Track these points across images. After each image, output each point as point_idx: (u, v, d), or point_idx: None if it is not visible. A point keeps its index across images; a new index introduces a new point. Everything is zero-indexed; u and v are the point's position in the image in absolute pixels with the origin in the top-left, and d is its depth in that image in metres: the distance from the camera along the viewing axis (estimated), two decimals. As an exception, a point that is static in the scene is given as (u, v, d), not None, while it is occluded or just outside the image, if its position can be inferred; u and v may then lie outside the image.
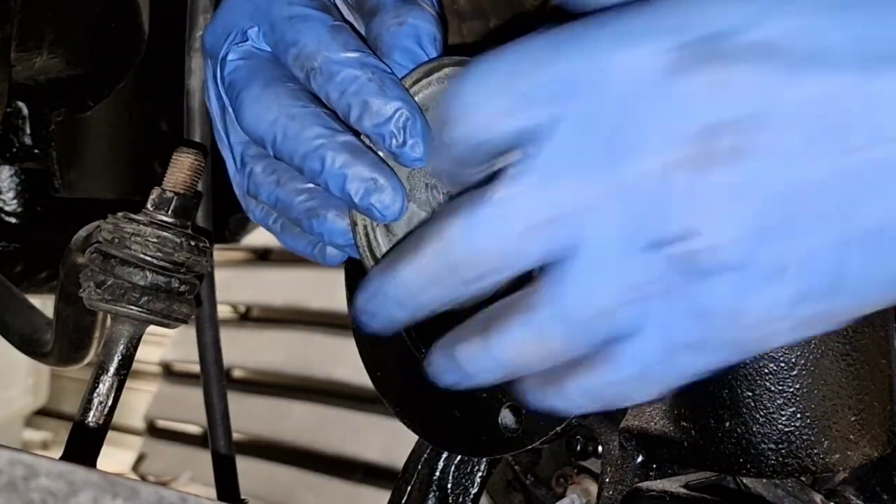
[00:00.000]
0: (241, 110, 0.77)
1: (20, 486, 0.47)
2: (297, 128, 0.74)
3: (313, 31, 0.75)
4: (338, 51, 0.74)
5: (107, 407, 0.80)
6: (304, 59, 0.75)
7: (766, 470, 0.71)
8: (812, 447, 0.70)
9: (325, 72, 0.73)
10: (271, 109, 0.75)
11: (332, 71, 0.73)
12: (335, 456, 3.86)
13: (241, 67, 0.78)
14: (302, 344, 4.05)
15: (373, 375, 0.88)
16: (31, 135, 1.13)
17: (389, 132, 0.72)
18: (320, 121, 0.74)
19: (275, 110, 0.75)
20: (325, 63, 0.73)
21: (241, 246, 4.04)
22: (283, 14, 0.76)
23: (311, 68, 0.74)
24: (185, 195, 0.82)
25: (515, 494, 1.08)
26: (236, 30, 0.79)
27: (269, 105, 0.75)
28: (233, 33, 0.79)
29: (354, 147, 0.73)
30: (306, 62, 0.74)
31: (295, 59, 0.75)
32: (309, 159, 0.74)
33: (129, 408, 4.62)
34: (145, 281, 0.79)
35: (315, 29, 0.75)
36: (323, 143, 0.73)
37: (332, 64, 0.73)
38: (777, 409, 0.70)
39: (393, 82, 0.73)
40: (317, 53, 0.74)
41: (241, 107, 0.77)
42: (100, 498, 0.48)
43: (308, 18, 0.75)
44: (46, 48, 1.07)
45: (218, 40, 0.80)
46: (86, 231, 0.90)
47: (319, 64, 0.74)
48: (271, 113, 0.75)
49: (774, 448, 0.70)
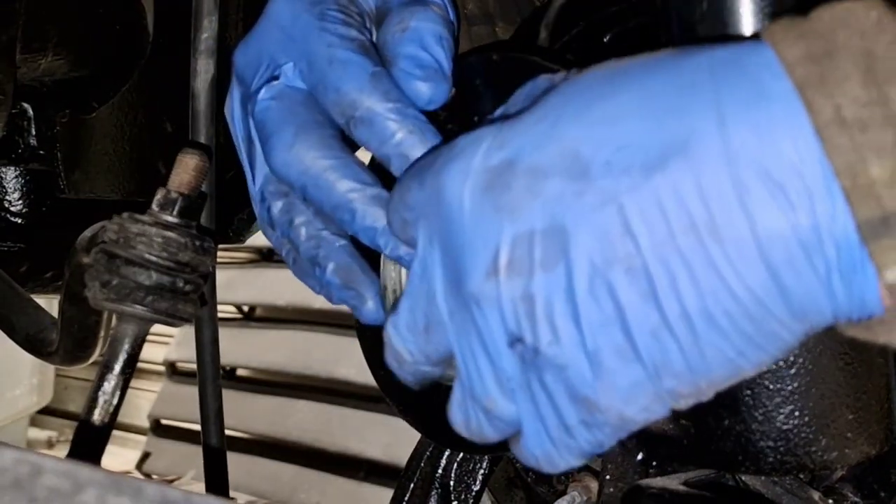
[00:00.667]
0: (271, 154, 0.77)
1: (26, 485, 0.47)
2: (329, 179, 0.75)
3: (355, 78, 0.75)
4: (379, 101, 0.74)
5: (112, 406, 0.80)
6: (345, 106, 0.75)
7: (765, 467, 0.72)
8: (810, 445, 0.71)
9: (367, 121, 0.74)
10: (303, 158, 0.76)
11: (374, 122, 0.74)
12: (338, 454, 3.86)
13: (273, 108, 0.78)
14: (305, 343, 4.06)
15: (376, 374, 0.89)
16: (36, 136, 1.13)
17: None
18: (351, 173, 0.75)
19: (307, 160, 0.76)
20: (366, 113, 0.74)
21: (245, 246, 4.04)
22: (323, 55, 0.76)
23: (351, 116, 0.75)
24: (189, 196, 0.82)
25: (517, 492, 1.08)
26: (269, 62, 0.79)
27: (302, 154, 0.76)
28: (264, 65, 0.79)
29: (384, 200, 0.74)
30: (347, 110, 0.75)
31: (335, 104, 0.76)
32: (339, 210, 0.75)
33: (133, 406, 4.63)
34: (150, 280, 0.79)
35: (356, 77, 0.75)
36: (354, 196, 0.74)
37: (374, 115, 0.74)
38: (775, 407, 0.70)
39: (432, 134, 0.74)
40: (358, 103, 0.74)
41: (273, 151, 0.77)
42: (104, 496, 0.49)
43: (349, 64, 0.75)
44: (51, 50, 1.07)
45: (249, 68, 0.80)
46: (91, 231, 0.90)
47: (361, 114, 0.74)
48: (303, 162, 0.76)
49: (773, 446, 0.71)
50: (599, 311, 0.56)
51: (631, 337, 0.56)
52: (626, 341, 0.56)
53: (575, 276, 0.56)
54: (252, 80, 0.80)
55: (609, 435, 0.60)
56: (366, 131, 0.75)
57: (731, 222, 0.53)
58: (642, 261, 0.54)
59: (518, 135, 0.59)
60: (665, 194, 0.54)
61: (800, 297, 0.54)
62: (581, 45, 1.00)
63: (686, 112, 0.54)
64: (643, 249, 0.54)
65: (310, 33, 0.77)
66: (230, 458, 1.16)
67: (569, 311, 0.56)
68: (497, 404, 0.61)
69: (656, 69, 0.57)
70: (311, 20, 0.77)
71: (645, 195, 0.54)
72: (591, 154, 0.56)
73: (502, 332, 0.59)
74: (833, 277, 0.53)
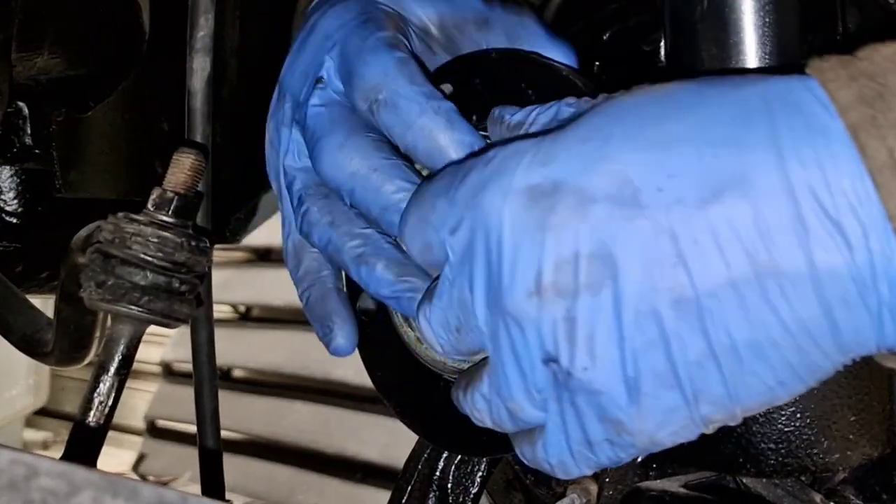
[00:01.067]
0: (320, 157, 0.77)
1: (21, 486, 0.47)
2: (379, 181, 0.75)
3: (379, 63, 0.75)
4: (404, 84, 0.74)
5: (107, 407, 0.80)
6: (368, 90, 0.75)
7: (766, 469, 0.71)
8: (812, 447, 0.70)
9: (391, 104, 0.74)
10: (353, 160, 0.75)
11: (398, 104, 0.73)
12: (335, 456, 3.86)
13: (323, 114, 0.78)
14: (302, 344, 4.05)
15: (373, 375, 0.88)
16: (31, 135, 1.13)
17: None
18: (401, 174, 0.75)
19: (356, 161, 0.75)
20: (390, 95, 0.74)
21: (242, 246, 4.04)
22: (354, 48, 0.77)
23: (374, 100, 0.74)
24: (185, 195, 0.82)
25: (515, 494, 1.08)
26: (314, 66, 0.79)
27: (352, 155, 0.75)
28: (312, 73, 0.79)
29: None
30: (371, 93, 0.74)
31: (360, 91, 0.75)
32: (388, 212, 0.74)
33: (129, 408, 4.62)
34: (146, 281, 0.79)
35: (381, 61, 0.75)
36: (403, 197, 0.74)
37: (398, 97, 0.73)
38: (776, 408, 0.70)
39: (459, 119, 0.74)
40: (382, 85, 0.74)
41: (321, 154, 0.77)
42: (100, 498, 0.48)
43: (376, 51, 0.76)
44: (47, 48, 1.07)
45: (297, 80, 0.80)
46: (86, 231, 0.90)
47: (384, 97, 0.74)
48: (353, 164, 0.75)
49: (774, 448, 0.71)
50: (643, 338, 0.56)
51: (674, 365, 0.56)
52: (669, 369, 0.56)
53: (623, 302, 0.56)
54: (301, 89, 0.80)
55: (632, 455, 0.61)
56: (390, 115, 0.74)
57: (788, 257, 0.54)
58: (694, 292, 0.55)
59: (563, 152, 0.59)
60: (720, 226, 0.54)
61: (849, 331, 0.55)
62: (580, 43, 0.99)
63: (742, 145, 0.55)
64: (696, 281, 0.55)
65: (348, 33, 0.78)
66: (227, 459, 1.16)
67: (613, 336, 0.57)
68: (523, 410, 0.62)
69: (707, 97, 0.57)
70: (352, 24, 0.78)
71: (700, 225, 0.55)
72: (643, 179, 0.56)
73: (539, 349, 0.59)
74: (883, 313, 0.54)
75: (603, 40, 0.99)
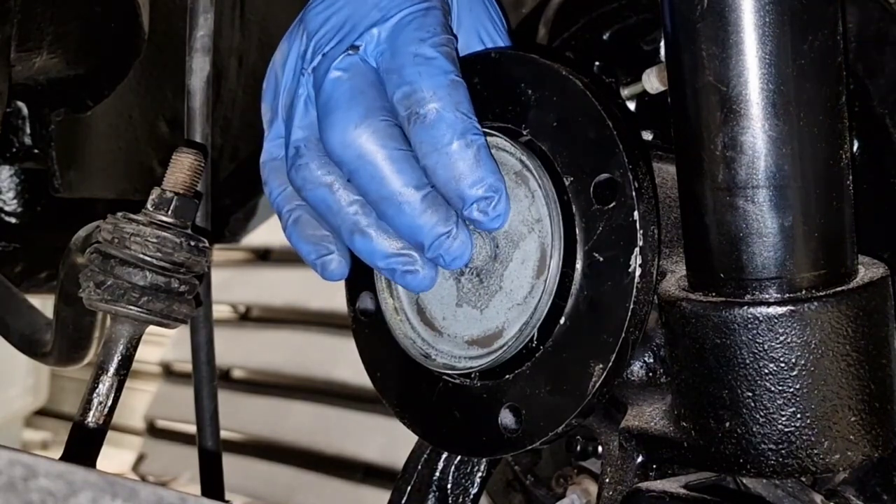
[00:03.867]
0: (332, 130, 0.77)
1: (19, 487, 0.47)
2: (386, 171, 0.75)
3: (433, 77, 0.75)
4: (449, 108, 0.74)
5: (106, 407, 0.80)
6: (413, 102, 0.75)
7: (766, 470, 0.71)
8: (812, 447, 0.70)
9: (429, 123, 0.74)
10: (366, 143, 0.76)
11: (436, 126, 0.74)
12: (335, 456, 3.86)
13: (343, 82, 0.78)
14: (302, 344, 4.05)
15: (373, 376, 0.88)
16: (30, 135, 1.13)
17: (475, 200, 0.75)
18: (408, 168, 0.75)
19: (369, 145, 0.75)
20: (432, 114, 0.74)
21: (241, 246, 4.04)
22: (411, 48, 0.76)
23: (416, 112, 0.75)
24: (184, 195, 0.82)
25: (515, 495, 1.08)
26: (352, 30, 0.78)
27: (365, 138, 0.76)
28: (346, 31, 0.78)
29: (434, 200, 0.76)
30: (415, 106, 0.75)
31: (404, 96, 0.75)
32: (386, 203, 0.75)
33: (128, 408, 4.61)
34: (145, 281, 0.79)
35: (435, 77, 0.75)
36: (404, 191, 0.75)
37: (440, 119, 0.74)
38: (777, 409, 0.70)
39: (488, 158, 0.75)
40: (427, 102, 0.74)
41: (334, 127, 0.77)
42: (99, 498, 0.48)
43: (432, 63, 0.75)
44: (46, 48, 1.07)
45: (328, 30, 0.79)
46: (85, 231, 0.90)
47: (426, 112, 0.74)
48: (365, 147, 0.76)
49: (774, 448, 0.70)
50: None
51: None
52: None
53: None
54: (329, 42, 0.79)
55: None
56: (424, 132, 0.74)
57: None
58: None
59: None
60: None
61: None
62: (580, 42, 0.99)
63: None
64: None
65: (405, 20, 0.77)
66: (226, 460, 1.16)
67: None
68: None
69: None
70: (411, 8, 0.78)
71: None
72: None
73: None
74: None
75: (603, 40, 0.99)
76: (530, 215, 0.78)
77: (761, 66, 0.68)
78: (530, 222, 0.78)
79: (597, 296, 0.74)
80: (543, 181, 0.76)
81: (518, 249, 0.78)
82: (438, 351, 0.83)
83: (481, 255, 0.80)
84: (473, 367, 0.79)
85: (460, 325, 0.81)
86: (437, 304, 0.83)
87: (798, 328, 0.69)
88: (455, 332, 0.82)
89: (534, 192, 0.77)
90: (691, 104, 0.71)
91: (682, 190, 0.74)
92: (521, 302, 0.78)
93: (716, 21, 0.69)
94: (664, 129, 0.94)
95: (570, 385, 0.75)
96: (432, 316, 0.83)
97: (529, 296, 0.77)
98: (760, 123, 0.69)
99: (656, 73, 0.91)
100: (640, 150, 0.75)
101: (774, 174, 0.69)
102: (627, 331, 0.73)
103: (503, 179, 0.76)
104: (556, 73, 0.77)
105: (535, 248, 0.77)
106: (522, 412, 0.78)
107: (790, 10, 0.68)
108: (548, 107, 0.76)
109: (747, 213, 0.70)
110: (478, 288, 0.80)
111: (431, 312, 0.83)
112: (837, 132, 0.71)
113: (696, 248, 0.74)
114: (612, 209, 0.74)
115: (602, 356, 0.73)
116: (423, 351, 0.83)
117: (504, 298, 0.79)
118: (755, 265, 0.70)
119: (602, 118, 0.74)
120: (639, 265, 0.72)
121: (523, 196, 0.78)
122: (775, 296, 0.70)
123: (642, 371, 0.80)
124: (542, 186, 0.76)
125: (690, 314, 0.72)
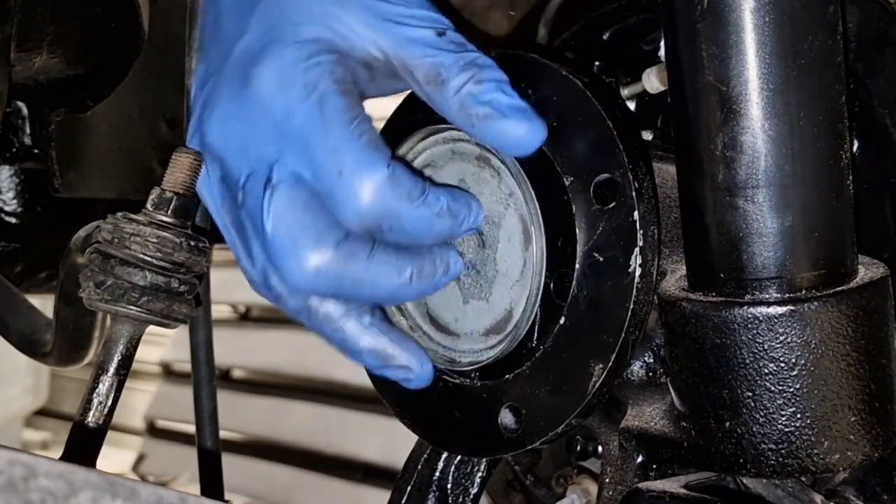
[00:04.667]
0: (290, 271, 0.76)
1: (19, 487, 0.47)
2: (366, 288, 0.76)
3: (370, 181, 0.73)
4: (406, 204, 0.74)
5: (106, 407, 0.80)
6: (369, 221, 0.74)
7: (766, 470, 0.71)
8: (812, 447, 0.70)
9: (396, 229, 0.75)
10: (328, 275, 0.75)
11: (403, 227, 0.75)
12: (335, 456, 3.86)
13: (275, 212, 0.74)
14: (301, 344, 4.05)
15: (372, 375, 0.88)
16: (30, 135, 1.13)
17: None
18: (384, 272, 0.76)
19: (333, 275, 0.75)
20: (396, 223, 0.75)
21: (241, 246, 4.03)
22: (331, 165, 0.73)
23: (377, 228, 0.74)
24: (184, 195, 0.82)
25: (515, 495, 1.08)
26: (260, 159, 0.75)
27: (325, 269, 0.75)
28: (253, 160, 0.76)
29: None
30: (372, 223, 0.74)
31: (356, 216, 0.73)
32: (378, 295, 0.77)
33: (128, 408, 4.62)
34: (145, 281, 0.79)
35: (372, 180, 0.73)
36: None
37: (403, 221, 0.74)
38: (777, 409, 0.70)
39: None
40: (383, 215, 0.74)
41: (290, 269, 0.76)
42: (99, 498, 0.48)
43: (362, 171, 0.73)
44: (46, 48, 1.07)
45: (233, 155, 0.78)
46: (85, 231, 0.90)
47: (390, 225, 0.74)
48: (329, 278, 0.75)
49: (774, 448, 0.70)
50: None
51: None
52: None
53: None
54: (238, 170, 0.77)
55: None
56: (397, 236, 0.75)
57: None
58: None
59: None
60: None
61: None
62: (580, 42, 0.99)
63: None
64: None
65: (310, 134, 0.73)
66: (226, 459, 1.16)
67: None
68: None
69: None
70: (309, 115, 0.73)
71: None
72: None
73: None
74: None
75: (603, 40, 0.99)
76: (501, 192, 0.79)
77: (761, 66, 0.68)
78: (504, 198, 0.79)
79: (597, 296, 0.74)
80: (502, 155, 0.77)
81: (501, 229, 0.79)
82: (461, 352, 0.83)
83: (470, 248, 0.80)
84: (494, 354, 0.80)
85: (473, 321, 0.82)
86: (446, 308, 0.83)
87: (798, 328, 0.69)
88: (470, 328, 0.82)
89: (498, 168, 0.79)
90: (691, 104, 0.71)
91: (682, 190, 0.74)
92: (519, 278, 0.79)
93: (716, 21, 0.69)
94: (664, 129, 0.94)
95: (570, 385, 0.75)
96: (445, 322, 0.84)
97: (525, 269, 0.78)
98: (760, 123, 0.69)
99: (656, 73, 0.91)
100: (640, 150, 0.75)
101: (774, 174, 0.69)
102: (627, 331, 0.73)
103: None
104: (556, 73, 0.77)
105: (516, 222, 0.78)
106: (522, 412, 0.78)
107: (790, 10, 0.68)
108: (548, 107, 0.76)
109: (747, 212, 0.70)
110: (477, 280, 0.81)
111: (444, 319, 0.84)
112: (837, 132, 0.71)
113: (696, 248, 0.74)
114: (612, 209, 0.74)
115: (602, 356, 0.74)
116: (447, 357, 0.83)
117: (504, 280, 0.80)
118: (755, 265, 0.70)
119: (602, 118, 0.74)
120: (639, 265, 0.73)
121: (490, 176, 0.80)
122: (775, 296, 0.70)
123: (642, 371, 0.81)
124: (503, 161, 0.78)
125: (690, 314, 0.72)
